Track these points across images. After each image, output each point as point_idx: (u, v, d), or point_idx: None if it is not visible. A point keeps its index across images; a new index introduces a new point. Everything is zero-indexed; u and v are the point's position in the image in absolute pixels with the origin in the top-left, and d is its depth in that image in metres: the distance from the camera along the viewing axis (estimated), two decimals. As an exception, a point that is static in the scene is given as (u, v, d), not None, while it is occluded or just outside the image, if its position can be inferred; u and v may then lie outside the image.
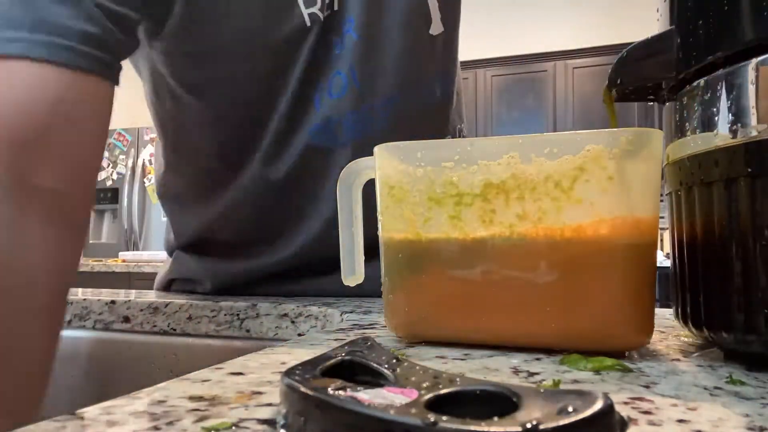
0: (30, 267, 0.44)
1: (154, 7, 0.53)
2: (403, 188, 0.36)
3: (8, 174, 0.43)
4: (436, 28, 0.67)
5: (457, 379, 0.20)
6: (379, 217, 0.37)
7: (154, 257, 2.70)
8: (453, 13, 0.70)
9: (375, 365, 0.22)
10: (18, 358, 0.44)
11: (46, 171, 0.45)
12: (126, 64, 0.55)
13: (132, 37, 0.53)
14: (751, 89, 0.29)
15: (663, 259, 2.40)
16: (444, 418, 0.16)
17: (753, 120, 0.29)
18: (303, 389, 0.19)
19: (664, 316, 0.48)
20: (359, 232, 0.43)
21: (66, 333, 0.64)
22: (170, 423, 0.20)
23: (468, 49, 2.07)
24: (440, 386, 0.19)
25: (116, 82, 0.50)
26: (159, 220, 4.06)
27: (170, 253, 0.80)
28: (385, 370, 0.22)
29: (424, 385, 0.19)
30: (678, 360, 0.32)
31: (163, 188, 0.77)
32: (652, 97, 0.37)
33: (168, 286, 0.78)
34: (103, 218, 4.35)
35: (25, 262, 0.44)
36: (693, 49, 0.32)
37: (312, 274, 0.68)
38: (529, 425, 0.15)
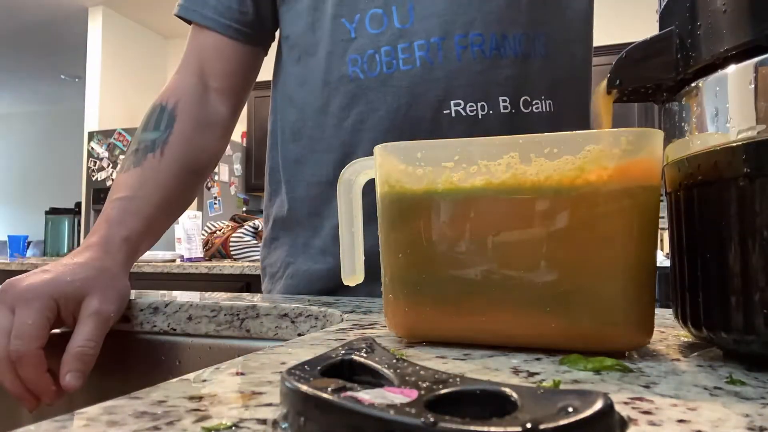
0: None
1: None
2: (403, 188, 0.36)
3: None
4: None
5: (457, 379, 0.20)
6: (379, 217, 0.37)
7: (154, 257, 2.70)
8: None
9: (375, 365, 0.22)
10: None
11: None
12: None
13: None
14: (751, 89, 0.29)
15: (663, 259, 2.40)
16: (444, 418, 0.16)
17: (752, 120, 0.29)
18: (303, 389, 0.19)
19: (664, 316, 0.48)
20: (359, 231, 0.43)
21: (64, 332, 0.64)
22: (170, 423, 0.20)
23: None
24: (440, 386, 0.19)
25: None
26: (159, 220, 4.04)
27: None
28: (385, 370, 0.22)
29: (424, 385, 0.19)
30: (678, 360, 0.32)
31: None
32: (651, 98, 0.37)
33: None
34: (103, 218, 4.34)
35: None
36: (692, 50, 0.32)
37: None
38: (529, 425, 0.15)
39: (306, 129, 0.73)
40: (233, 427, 0.20)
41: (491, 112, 0.65)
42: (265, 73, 0.79)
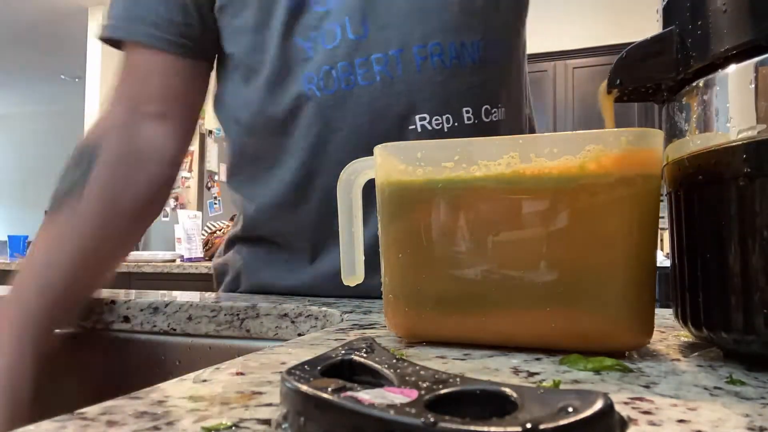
0: None
1: None
2: (401, 181, 0.36)
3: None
4: None
5: (457, 379, 0.20)
6: (379, 217, 0.37)
7: (154, 257, 2.70)
8: None
9: (375, 365, 0.22)
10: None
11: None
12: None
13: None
14: (751, 89, 0.29)
15: (663, 259, 2.40)
16: (444, 418, 0.16)
17: (752, 120, 0.29)
18: (303, 389, 0.19)
19: (664, 316, 0.48)
20: (359, 231, 0.43)
21: (65, 333, 0.64)
22: (170, 423, 0.20)
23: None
24: (440, 386, 0.19)
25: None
26: (159, 220, 4.05)
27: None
28: (385, 370, 0.22)
29: (424, 385, 0.19)
30: (678, 360, 0.32)
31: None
32: (651, 98, 0.37)
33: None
34: (103, 218, 4.34)
35: None
36: (692, 50, 0.32)
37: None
38: (529, 425, 0.15)
39: (259, 151, 0.69)
40: (233, 427, 0.20)
41: (456, 124, 0.64)
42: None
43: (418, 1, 0.63)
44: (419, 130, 0.63)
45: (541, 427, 0.15)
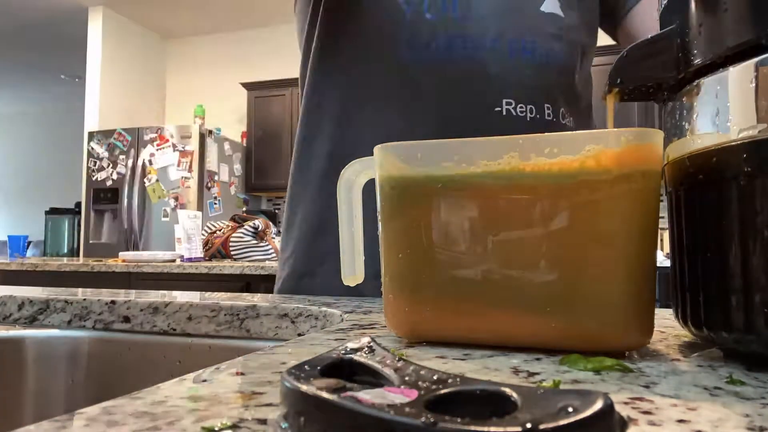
0: None
1: None
2: (402, 177, 0.36)
3: None
4: (550, 7, 0.70)
5: (457, 379, 0.20)
6: (379, 217, 0.37)
7: (154, 257, 2.70)
8: (578, 12, 0.72)
9: (375, 365, 0.22)
10: None
11: None
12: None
13: None
14: (751, 89, 0.29)
15: (663, 259, 2.40)
16: (444, 418, 0.16)
17: (753, 119, 0.29)
18: (303, 389, 0.19)
19: (664, 316, 0.48)
20: (359, 231, 0.43)
21: (66, 333, 0.64)
22: (170, 423, 0.20)
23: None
24: (440, 386, 0.19)
25: None
26: (159, 220, 4.06)
27: None
28: (385, 370, 0.22)
29: (424, 385, 0.19)
30: (678, 360, 0.32)
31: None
32: (651, 97, 0.37)
33: None
34: (103, 218, 4.35)
35: None
36: (693, 49, 0.32)
37: None
38: (529, 425, 0.15)
39: (353, 113, 0.72)
40: (233, 427, 0.20)
41: (538, 116, 0.68)
42: (266, 72, 0.79)
43: (518, 3, 0.69)
44: (504, 113, 0.66)
45: (541, 427, 0.15)
